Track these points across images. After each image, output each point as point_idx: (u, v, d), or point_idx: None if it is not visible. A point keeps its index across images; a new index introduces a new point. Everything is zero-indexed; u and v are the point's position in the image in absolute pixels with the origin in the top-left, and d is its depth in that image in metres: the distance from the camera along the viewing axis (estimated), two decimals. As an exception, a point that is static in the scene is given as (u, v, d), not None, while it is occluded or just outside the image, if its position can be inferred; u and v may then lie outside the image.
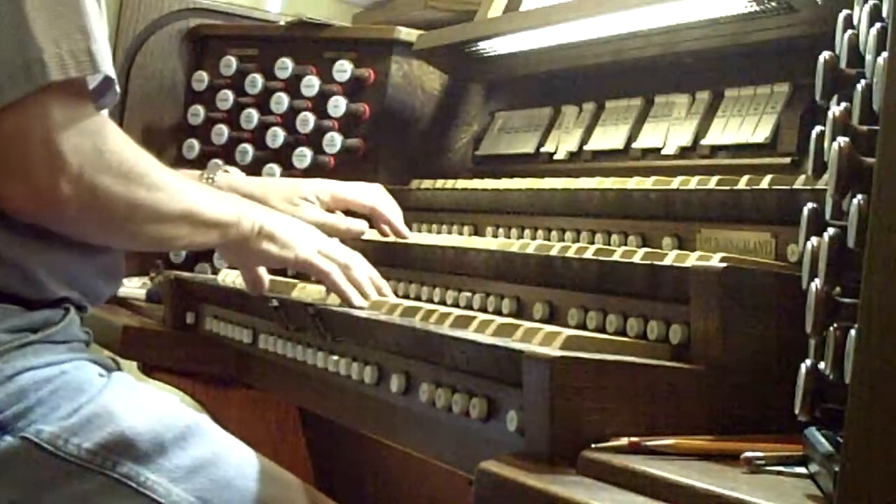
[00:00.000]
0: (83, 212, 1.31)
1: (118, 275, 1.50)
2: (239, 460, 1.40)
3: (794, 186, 1.35)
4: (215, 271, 2.05)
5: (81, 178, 1.28)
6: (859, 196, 0.84)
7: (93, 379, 1.36)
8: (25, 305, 1.34)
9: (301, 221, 1.59)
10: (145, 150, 1.37)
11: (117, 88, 1.35)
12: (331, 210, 1.78)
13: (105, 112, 1.37)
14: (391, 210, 1.80)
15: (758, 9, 1.56)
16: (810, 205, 1.01)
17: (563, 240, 1.65)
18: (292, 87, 2.33)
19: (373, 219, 1.80)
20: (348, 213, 1.80)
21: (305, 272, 1.57)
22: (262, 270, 1.60)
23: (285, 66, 2.34)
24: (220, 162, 2.32)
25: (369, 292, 1.53)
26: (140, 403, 1.36)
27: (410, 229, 2.01)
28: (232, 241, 1.48)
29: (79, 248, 1.39)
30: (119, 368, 1.48)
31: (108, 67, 1.30)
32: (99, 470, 1.29)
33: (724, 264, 1.14)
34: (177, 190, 1.40)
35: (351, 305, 1.50)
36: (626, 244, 1.53)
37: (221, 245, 1.52)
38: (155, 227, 1.38)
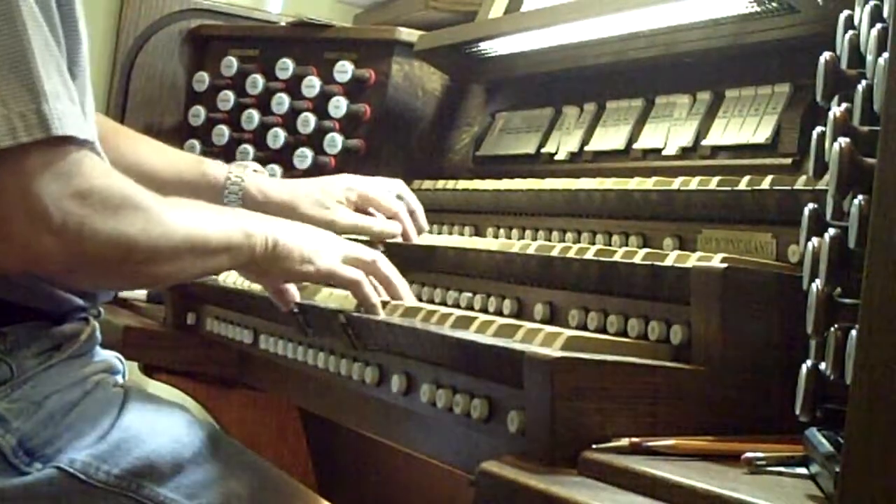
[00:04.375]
0: (74, 262, 1.22)
1: None
2: (248, 472, 1.43)
3: (795, 187, 1.35)
4: (216, 272, 2.05)
5: (66, 228, 1.18)
6: (860, 196, 0.84)
7: (111, 396, 1.39)
8: (48, 319, 1.36)
9: (317, 228, 1.52)
10: (131, 180, 1.27)
11: (85, 138, 1.21)
12: (360, 208, 1.75)
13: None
14: (416, 210, 1.78)
15: (758, 9, 1.56)
16: (811, 205, 1.01)
17: (564, 240, 1.65)
18: (293, 87, 2.33)
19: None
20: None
21: (330, 284, 1.49)
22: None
23: (286, 67, 2.34)
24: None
25: (397, 292, 1.46)
26: (159, 422, 1.39)
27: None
28: (245, 263, 1.39)
29: None
30: (124, 366, 1.51)
31: (63, 127, 1.18)
32: (124, 493, 1.33)
33: (725, 265, 1.14)
34: (174, 221, 1.28)
35: (375, 314, 1.41)
36: (627, 245, 1.53)
37: (234, 268, 1.42)
38: (155, 266, 1.28)
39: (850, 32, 1.00)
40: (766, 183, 1.40)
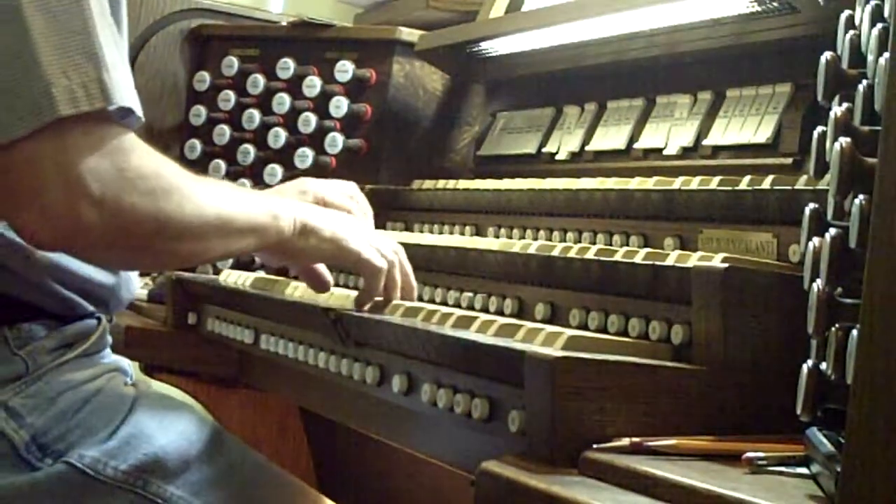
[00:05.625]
0: (109, 236, 1.20)
1: (133, 284, 1.51)
2: (252, 469, 1.45)
3: (796, 187, 1.35)
4: (217, 271, 2.05)
5: (104, 201, 1.17)
6: (861, 196, 0.84)
7: (123, 394, 1.40)
8: (61, 320, 1.37)
9: (343, 213, 1.51)
10: (167, 158, 1.27)
11: (139, 115, 1.23)
12: None
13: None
14: (368, 213, 1.71)
15: (759, 9, 1.56)
16: (812, 205, 1.01)
17: (565, 240, 1.65)
18: (294, 87, 2.33)
19: None
20: None
21: (356, 266, 1.46)
22: (322, 266, 1.50)
23: (287, 67, 2.34)
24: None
25: (396, 296, 1.46)
26: (168, 420, 1.40)
27: (412, 230, 2.01)
28: (272, 245, 1.37)
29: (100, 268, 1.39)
30: (131, 370, 1.52)
31: (123, 98, 1.19)
32: (131, 489, 1.33)
33: (726, 265, 1.14)
34: (206, 199, 1.28)
35: (377, 311, 1.41)
36: (627, 244, 1.53)
37: (261, 249, 1.40)
38: (186, 243, 1.27)
39: (851, 32, 1.00)
40: (766, 183, 1.40)
